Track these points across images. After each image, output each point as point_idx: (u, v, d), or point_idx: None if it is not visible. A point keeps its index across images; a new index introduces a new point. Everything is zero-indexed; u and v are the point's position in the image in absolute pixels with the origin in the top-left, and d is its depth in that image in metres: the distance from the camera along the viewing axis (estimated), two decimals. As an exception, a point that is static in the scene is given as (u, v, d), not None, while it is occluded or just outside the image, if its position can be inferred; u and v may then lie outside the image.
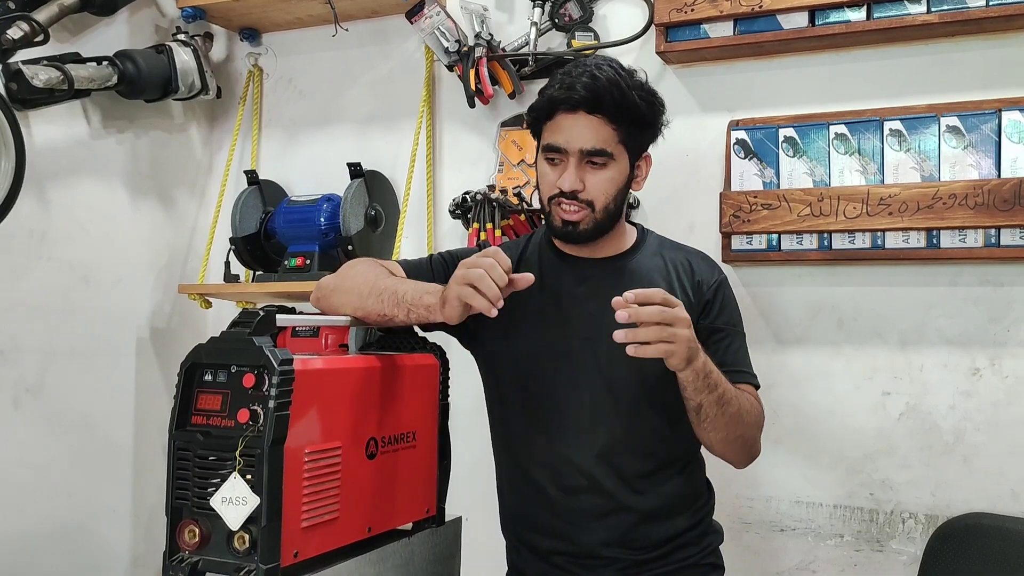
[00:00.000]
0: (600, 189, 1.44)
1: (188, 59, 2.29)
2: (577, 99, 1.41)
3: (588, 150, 1.42)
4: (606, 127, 1.42)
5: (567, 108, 1.42)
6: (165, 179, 2.43)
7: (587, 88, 1.40)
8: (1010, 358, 1.78)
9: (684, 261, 1.55)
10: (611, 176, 1.45)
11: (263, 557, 1.10)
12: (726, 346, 1.51)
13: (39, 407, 2.07)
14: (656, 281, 1.50)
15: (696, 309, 1.50)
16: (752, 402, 1.49)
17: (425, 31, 2.12)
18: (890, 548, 1.85)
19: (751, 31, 1.90)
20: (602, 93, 1.40)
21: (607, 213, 1.46)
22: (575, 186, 1.43)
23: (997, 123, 1.73)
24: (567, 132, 1.43)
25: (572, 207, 1.44)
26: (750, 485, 1.95)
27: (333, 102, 2.44)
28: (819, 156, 1.85)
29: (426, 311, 1.32)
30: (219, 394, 1.16)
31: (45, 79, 1.96)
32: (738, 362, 1.52)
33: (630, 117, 1.43)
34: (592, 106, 1.41)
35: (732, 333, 1.53)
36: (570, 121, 1.43)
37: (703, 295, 1.52)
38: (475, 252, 1.53)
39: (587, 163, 1.43)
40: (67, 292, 2.15)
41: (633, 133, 1.45)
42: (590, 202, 1.44)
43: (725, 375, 1.43)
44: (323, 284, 1.48)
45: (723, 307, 1.53)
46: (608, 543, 1.46)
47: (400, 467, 1.38)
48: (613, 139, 1.43)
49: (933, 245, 1.76)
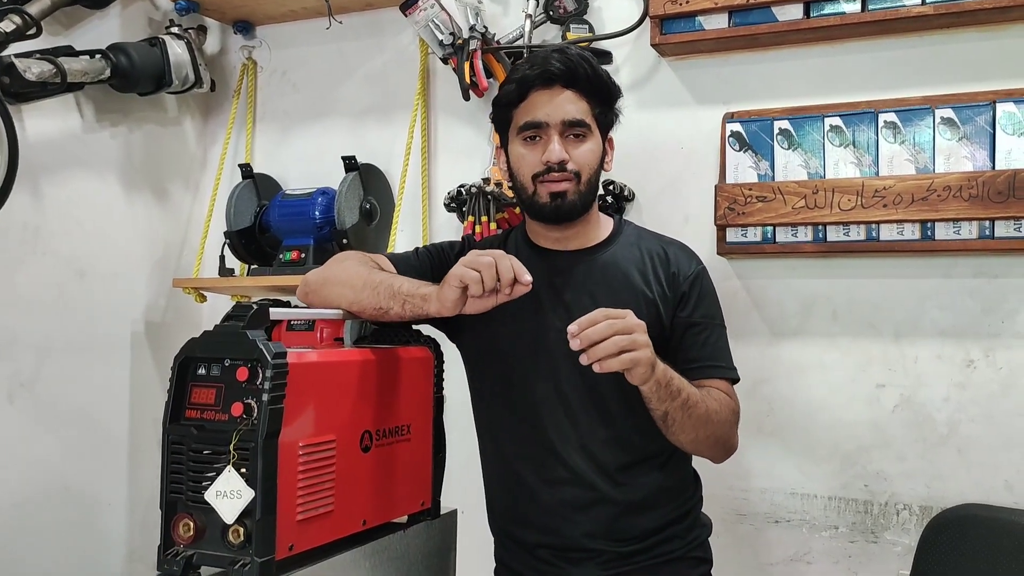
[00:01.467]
0: (584, 159, 1.46)
1: (182, 52, 2.28)
2: (554, 72, 1.43)
3: (570, 120, 1.44)
4: (582, 100, 1.45)
5: (543, 83, 1.44)
6: (159, 173, 2.42)
7: (561, 62, 1.44)
8: (1004, 350, 1.78)
9: (660, 251, 1.54)
10: (592, 147, 1.47)
11: (258, 550, 1.10)
12: (703, 340, 1.50)
13: (34, 401, 2.07)
14: (630, 272, 1.50)
15: (671, 301, 1.50)
16: (722, 400, 1.46)
17: (419, 24, 2.12)
18: (884, 539, 1.85)
19: (746, 23, 1.89)
20: (575, 67, 1.44)
21: (590, 186, 1.48)
22: (563, 155, 1.44)
23: (992, 115, 1.73)
24: (546, 106, 1.44)
25: (560, 179, 1.44)
26: (744, 477, 1.95)
27: (327, 95, 2.43)
28: (814, 148, 1.85)
29: (422, 301, 1.33)
30: (213, 388, 1.16)
31: (38, 72, 1.95)
32: (714, 356, 1.51)
33: (601, 92, 1.47)
34: (568, 79, 1.44)
35: (709, 326, 1.51)
36: (547, 96, 1.45)
37: (679, 287, 1.50)
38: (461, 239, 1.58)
39: (568, 136, 1.45)
40: (62, 286, 2.14)
41: (603, 109, 1.49)
42: (577, 172, 1.45)
43: (699, 370, 1.46)
44: (310, 279, 1.47)
45: (700, 300, 1.52)
46: (592, 535, 1.46)
47: (395, 460, 1.38)
48: (588, 112, 1.46)
49: (928, 237, 1.76)
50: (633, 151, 2.06)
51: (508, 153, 1.52)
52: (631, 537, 1.47)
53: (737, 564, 1.94)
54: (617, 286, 1.49)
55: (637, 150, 2.06)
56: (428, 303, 1.32)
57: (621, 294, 1.47)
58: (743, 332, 1.95)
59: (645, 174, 2.05)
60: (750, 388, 1.94)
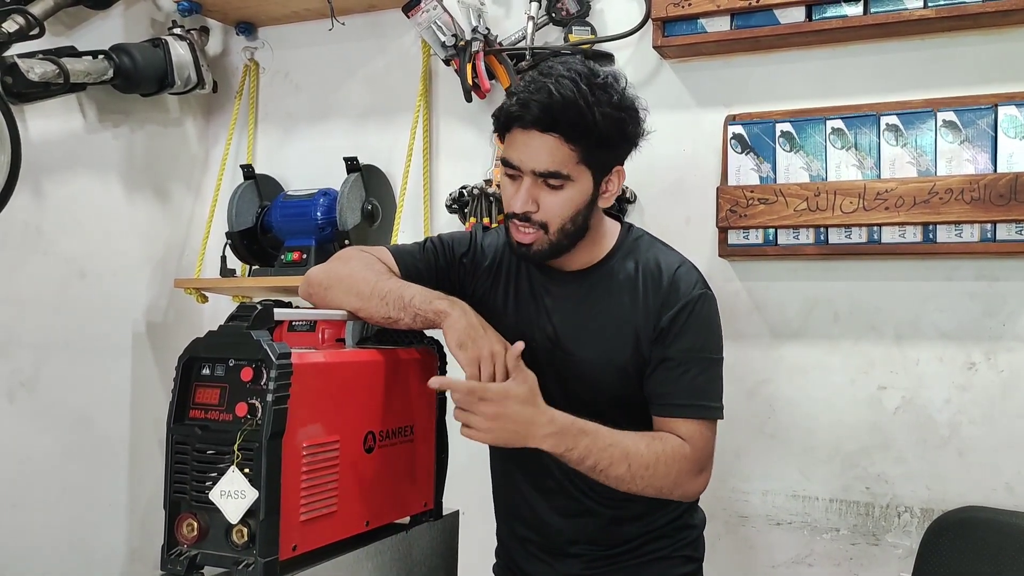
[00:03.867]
0: (554, 212, 1.34)
1: (184, 53, 2.29)
2: (530, 118, 1.30)
3: (541, 172, 1.32)
4: (563, 147, 1.31)
5: (520, 125, 1.32)
6: (161, 173, 2.42)
7: (541, 106, 1.29)
8: (1005, 352, 1.79)
9: (656, 274, 1.41)
10: (569, 197, 1.34)
11: (262, 550, 1.10)
12: (678, 375, 1.37)
13: (34, 401, 2.07)
14: (620, 299, 1.42)
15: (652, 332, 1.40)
16: (665, 449, 1.33)
17: (422, 25, 2.12)
18: (886, 542, 1.85)
19: (748, 26, 1.90)
20: (557, 113, 1.29)
21: (563, 234, 1.37)
22: (527, 207, 1.34)
23: (993, 118, 1.73)
24: (520, 150, 1.33)
25: (525, 228, 1.36)
26: (746, 479, 1.96)
27: (330, 96, 2.44)
28: (816, 151, 1.86)
29: (435, 316, 1.31)
30: (217, 388, 1.15)
31: (41, 73, 1.95)
32: (690, 394, 1.37)
33: (591, 136, 1.31)
34: (546, 125, 1.30)
35: (685, 361, 1.37)
36: (524, 139, 1.32)
37: (660, 319, 1.39)
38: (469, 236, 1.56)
39: (543, 184, 1.34)
40: (63, 286, 2.14)
41: (597, 152, 1.34)
42: (544, 224, 1.35)
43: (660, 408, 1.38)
44: (314, 279, 1.44)
45: (681, 334, 1.38)
46: (576, 541, 1.47)
47: (398, 461, 1.38)
48: (571, 160, 1.32)
49: (929, 240, 1.76)
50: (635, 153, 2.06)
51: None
52: (616, 544, 1.48)
53: (739, 566, 1.94)
54: (605, 313, 1.42)
55: (639, 152, 2.05)
56: (440, 319, 1.30)
57: (607, 323, 1.42)
58: (745, 334, 1.95)
59: (647, 176, 2.05)
60: (751, 390, 1.95)
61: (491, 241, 1.54)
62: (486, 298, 1.49)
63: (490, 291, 1.50)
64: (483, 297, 1.49)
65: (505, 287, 1.49)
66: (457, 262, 1.52)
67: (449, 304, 1.32)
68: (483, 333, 1.30)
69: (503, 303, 1.48)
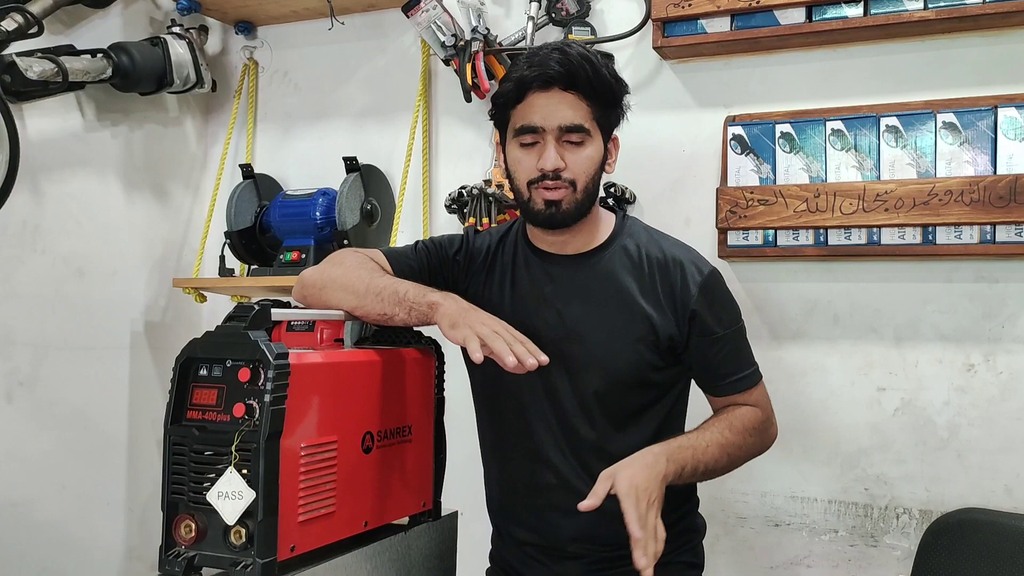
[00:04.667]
0: (581, 167, 1.40)
1: (183, 52, 2.28)
2: (552, 74, 1.36)
3: (567, 126, 1.38)
4: (581, 103, 1.38)
5: (540, 85, 1.38)
6: (160, 172, 2.42)
7: (561, 63, 1.36)
8: (1004, 354, 1.78)
9: (661, 258, 1.46)
10: (589, 155, 1.40)
11: (260, 551, 1.10)
12: (727, 352, 1.46)
13: (33, 400, 2.06)
14: (625, 282, 1.44)
15: (672, 314, 1.43)
16: (747, 422, 1.45)
17: (421, 25, 2.12)
18: (884, 543, 1.85)
19: (748, 27, 1.90)
20: (576, 68, 1.37)
21: (587, 194, 1.41)
22: (558, 164, 1.38)
23: (993, 120, 1.73)
24: (543, 110, 1.38)
25: (556, 186, 1.39)
26: (745, 480, 1.95)
27: (329, 96, 2.43)
28: (815, 152, 1.86)
29: (428, 309, 1.32)
30: (214, 388, 1.15)
31: (39, 71, 1.95)
32: (741, 364, 1.47)
33: (602, 93, 1.40)
34: (567, 82, 1.37)
35: (727, 337, 1.46)
36: (544, 99, 1.38)
37: (687, 302, 1.43)
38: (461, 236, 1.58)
39: (565, 141, 1.39)
40: (61, 285, 2.14)
41: (605, 111, 1.42)
42: (572, 181, 1.39)
43: (727, 386, 1.47)
44: (308, 281, 1.44)
45: (715, 312, 1.44)
46: (576, 539, 1.46)
47: (396, 461, 1.38)
48: (588, 116, 1.39)
49: (929, 241, 1.76)
50: (635, 154, 2.06)
51: (505, 152, 1.48)
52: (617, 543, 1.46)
53: (737, 568, 1.94)
54: (611, 295, 1.44)
55: (639, 153, 2.06)
56: (434, 311, 1.31)
57: (614, 304, 1.44)
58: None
59: (647, 177, 2.06)
60: (750, 391, 1.95)
61: (483, 240, 1.56)
62: (481, 294, 1.50)
63: (484, 287, 1.51)
64: (478, 293, 1.50)
65: (501, 281, 1.50)
66: (450, 260, 1.54)
67: (442, 296, 1.34)
68: (475, 313, 1.31)
69: (499, 297, 1.49)
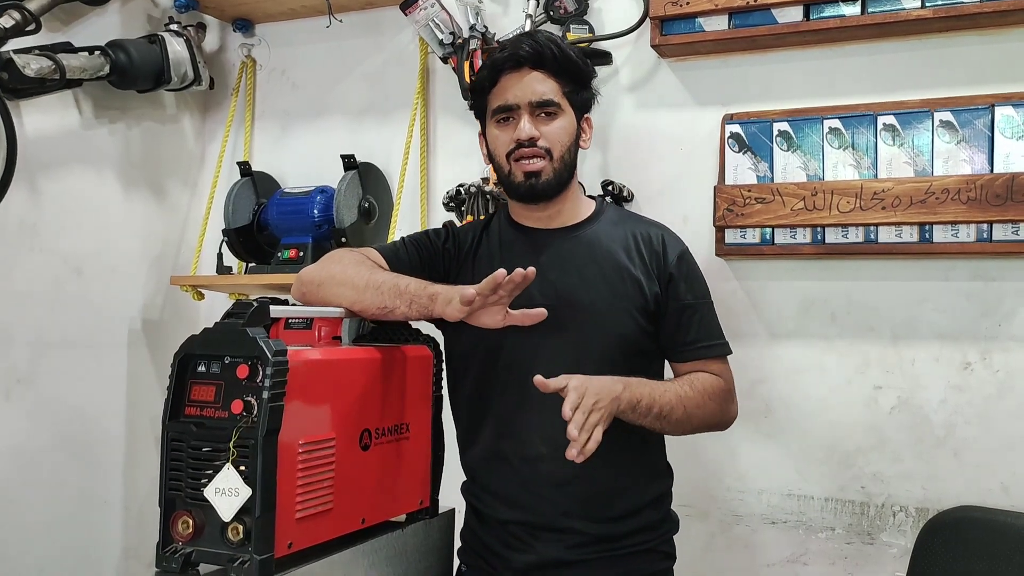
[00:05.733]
0: (555, 136, 1.51)
1: (181, 49, 2.28)
2: (522, 55, 1.50)
3: (538, 101, 1.50)
4: (550, 80, 1.51)
5: (512, 66, 1.51)
6: (157, 170, 2.42)
7: (529, 46, 1.50)
8: (1001, 352, 1.79)
9: (644, 232, 1.57)
10: (562, 126, 1.52)
11: (257, 548, 1.10)
12: (697, 320, 1.54)
13: (30, 398, 2.06)
14: (614, 249, 1.54)
15: (656, 279, 1.53)
16: (707, 387, 1.51)
17: (419, 23, 2.12)
18: (881, 541, 1.86)
19: (746, 25, 1.90)
20: (543, 48, 1.50)
21: (564, 163, 1.52)
22: (532, 133, 1.49)
23: (990, 118, 1.73)
24: (515, 88, 1.51)
25: (533, 157, 1.49)
26: (742, 478, 1.96)
27: (327, 94, 2.43)
28: (813, 150, 1.86)
29: (429, 301, 1.35)
30: (212, 385, 1.16)
31: (37, 68, 1.95)
32: (710, 335, 1.55)
33: (571, 71, 1.52)
34: (536, 61, 1.50)
35: (700, 306, 1.55)
36: (516, 78, 1.51)
37: (666, 267, 1.54)
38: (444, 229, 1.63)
39: (538, 114, 1.50)
40: (59, 283, 2.14)
41: (575, 88, 1.54)
42: (548, 150, 1.50)
43: (693, 351, 1.54)
44: (306, 278, 1.47)
45: (689, 281, 1.55)
46: (568, 513, 1.47)
47: (394, 459, 1.38)
48: (558, 91, 1.52)
49: (926, 240, 1.76)
50: (632, 151, 2.07)
51: (487, 138, 1.57)
52: (606, 518, 1.48)
53: (734, 565, 1.94)
54: (602, 262, 1.52)
55: (636, 150, 2.06)
56: (435, 303, 1.34)
57: (606, 270, 1.51)
58: (741, 333, 1.95)
59: (644, 175, 2.06)
60: (748, 389, 1.95)
61: (467, 230, 1.64)
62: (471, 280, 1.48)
63: (473, 273, 1.54)
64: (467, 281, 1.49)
65: (490, 264, 1.52)
66: (441, 250, 1.59)
67: (443, 287, 1.37)
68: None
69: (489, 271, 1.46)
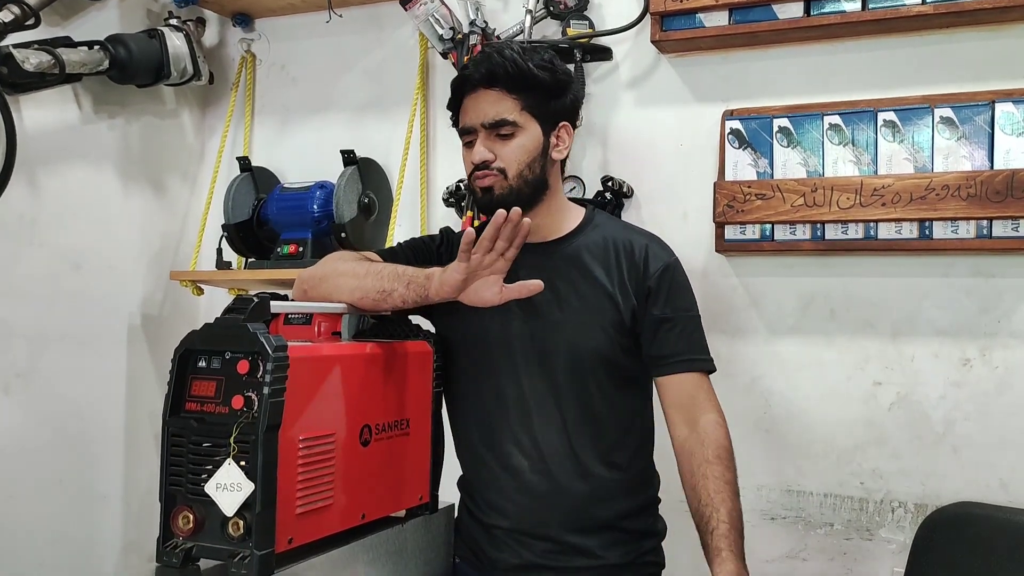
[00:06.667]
0: (510, 157, 1.49)
1: (180, 44, 2.28)
2: (476, 78, 1.50)
3: (490, 122, 1.48)
4: (506, 98, 1.49)
5: (468, 88, 1.51)
6: (157, 165, 2.42)
7: (482, 64, 1.50)
8: (1000, 349, 1.79)
9: (626, 242, 1.53)
10: (520, 144, 1.49)
11: (257, 543, 1.10)
12: (676, 334, 1.49)
13: (30, 393, 2.06)
14: (591, 265, 1.51)
15: (633, 293, 1.50)
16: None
17: (419, 18, 2.11)
18: (879, 537, 1.86)
19: (746, 20, 1.89)
20: (495, 67, 1.48)
21: (523, 180, 1.50)
22: (485, 156, 1.49)
23: (991, 115, 1.73)
24: (472, 111, 1.51)
25: (485, 175, 1.49)
26: (741, 474, 1.94)
27: (327, 89, 2.43)
28: (813, 146, 1.86)
29: (425, 279, 1.36)
30: (213, 380, 1.16)
31: (36, 63, 1.94)
32: (689, 349, 1.50)
33: (529, 86, 1.49)
34: (488, 80, 1.49)
35: (680, 319, 1.50)
36: (472, 100, 1.51)
37: (644, 280, 1.50)
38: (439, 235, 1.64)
39: (495, 136, 1.49)
40: (58, 278, 2.14)
41: (539, 102, 1.50)
42: (502, 169, 1.49)
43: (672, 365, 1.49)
44: (307, 276, 1.49)
45: (670, 294, 1.51)
46: (546, 522, 1.48)
47: (394, 454, 1.38)
48: (515, 108, 1.49)
49: (925, 236, 1.76)
50: (632, 148, 2.07)
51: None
52: (584, 529, 1.49)
53: (732, 560, 1.95)
54: (577, 279, 1.51)
55: (636, 147, 2.06)
56: (431, 281, 1.35)
57: (581, 287, 1.50)
58: (740, 329, 1.95)
59: (644, 171, 2.05)
60: (747, 385, 1.95)
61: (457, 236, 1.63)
62: None
63: None
64: None
65: None
66: (435, 254, 1.60)
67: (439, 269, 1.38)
68: None
69: None
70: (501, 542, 1.51)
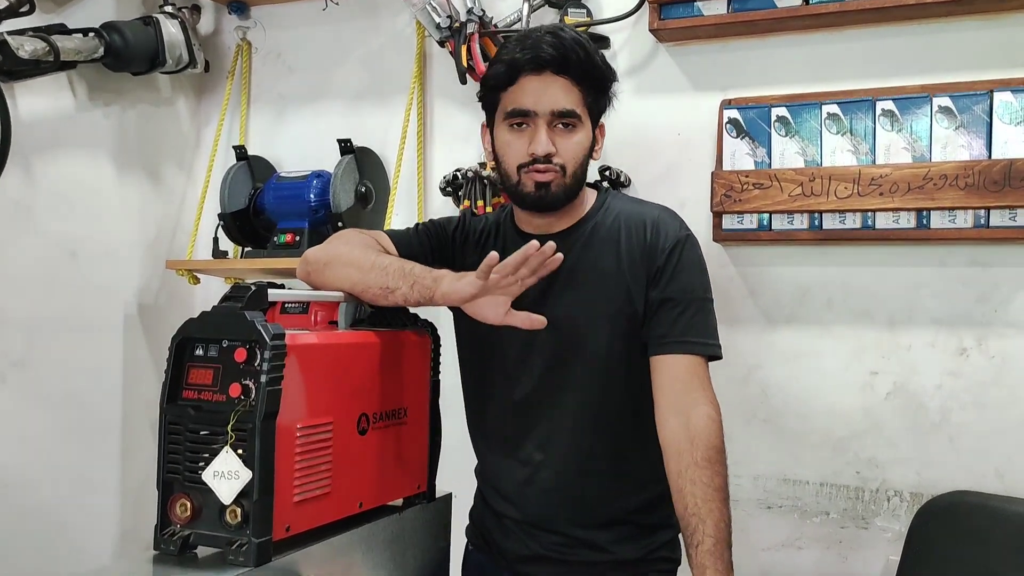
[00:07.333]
0: (571, 153, 1.40)
1: (175, 32, 2.26)
2: (545, 58, 1.36)
3: (559, 111, 1.38)
4: (574, 88, 1.38)
5: (532, 69, 1.37)
6: (152, 153, 2.41)
7: (554, 47, 1.36)
8: (997, 338, 1.79)
9: (640, 221, 1.45)
10: (579, 140, 1.41)
11: (255, 531, 1.10)
12: (675, 316, 1.40)
13: (25, 381, 2.06)
14: (605, 250, 1.44)
15: (644, 275, 1.42)
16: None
17: (416, 6, 2.10)
18: (875, 525, 1.87)
19: (745, 9, 1.89)
20: (568, 52, 1.36)
21: (576, 179, 1.42)
22: (549, 149, 1.38)
23: (989, 104, 1.73)
24: (535, 94, 1.37)
25: (547, 170, 1.39)
26: (738, 463, 1.96)
27: (323, 77, 2.42)
28: (811, 136, 1.85)
29: (433, 282, 1.31)
30: (210, 368, 1.15)
31: (31, 50, 1.93)
32: (685, 331, 1.39)
33: (594, 79, 1.40)
34: (559, 66, 1.37)
35: (683, 301, 1.40)
36: (536, 83, 1.37)
37: (655, 260, 1.42)
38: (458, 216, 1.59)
39: (556, 126, 1.39)
40: (54, 267, 2.13)
41: (596, 97, 1.42)
42: (562, 166, 1.39)
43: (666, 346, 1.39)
44: (312, 258, 1.45)
45: (676, 273, 1.41)
46: (555, 517, 1.47)
47: (391, 443, 1.38)
48: (580, 101, 1.39)
49: (923, 225, 1.76)
50: (630, 137, 2.06)
51: (493, 135, 1.46)
52: (593, 523, 1.48)
53: (729, 549, 1.95)
54: (589, 267, 1.45)
55: (634, 136, 2.06)
56: (438, 285, 1.30)
57: (592, 277, 1.44)
58: (738, 319, 1.95)
59: (642, 160, 2.05)
60: (744, 375, 1.95)
61: (480, 221, 1.59)
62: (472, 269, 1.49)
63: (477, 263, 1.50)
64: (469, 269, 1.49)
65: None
66: (449, 239, 1.56)
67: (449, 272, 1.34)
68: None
69: None
70: (511, 532, 1.51)
